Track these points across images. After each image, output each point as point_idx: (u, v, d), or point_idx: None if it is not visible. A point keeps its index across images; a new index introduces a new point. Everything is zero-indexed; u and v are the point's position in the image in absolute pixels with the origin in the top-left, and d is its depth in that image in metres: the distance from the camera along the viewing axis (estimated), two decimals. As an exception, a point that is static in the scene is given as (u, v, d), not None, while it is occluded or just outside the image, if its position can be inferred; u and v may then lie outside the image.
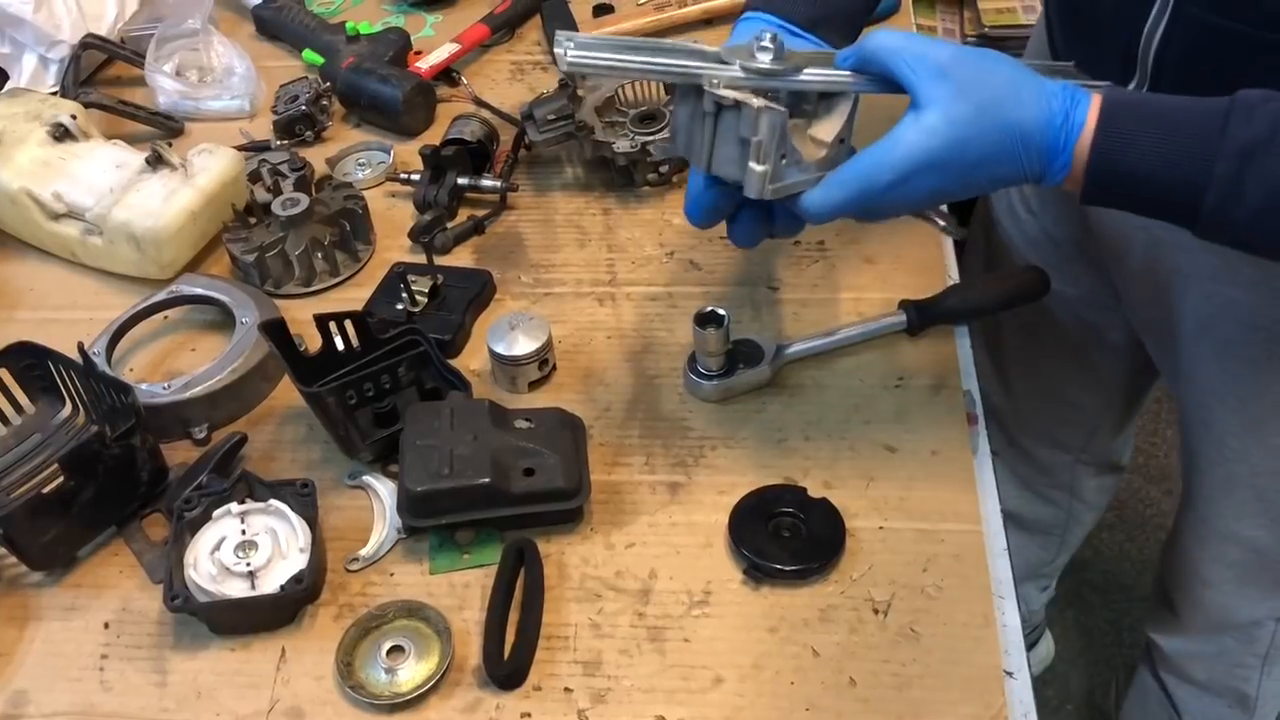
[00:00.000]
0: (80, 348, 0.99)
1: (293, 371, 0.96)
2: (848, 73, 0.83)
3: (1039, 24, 1.23)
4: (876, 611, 0.87)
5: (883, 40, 0.80)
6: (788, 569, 0.89)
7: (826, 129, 0.83)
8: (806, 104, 0.84)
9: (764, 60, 0.80)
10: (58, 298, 1.19)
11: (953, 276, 1.13)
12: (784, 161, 0.79)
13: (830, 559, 0.90)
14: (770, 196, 0.80)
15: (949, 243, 1.16)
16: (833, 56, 0.85)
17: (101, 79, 1.47)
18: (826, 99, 0.84)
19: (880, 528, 0.92)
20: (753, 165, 0.79)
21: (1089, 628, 1.95)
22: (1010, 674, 0.84)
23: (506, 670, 0.84)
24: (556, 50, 0.79)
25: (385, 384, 0.96)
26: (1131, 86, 0.95)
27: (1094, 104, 0.77)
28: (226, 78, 1.40)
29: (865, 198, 0.80)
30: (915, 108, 0.78)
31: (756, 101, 0.78)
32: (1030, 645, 1.89)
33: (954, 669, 0.84)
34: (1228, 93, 0.78)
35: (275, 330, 0.99)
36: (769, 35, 0.81)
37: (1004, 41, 1.91)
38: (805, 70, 0.81)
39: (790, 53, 0.82)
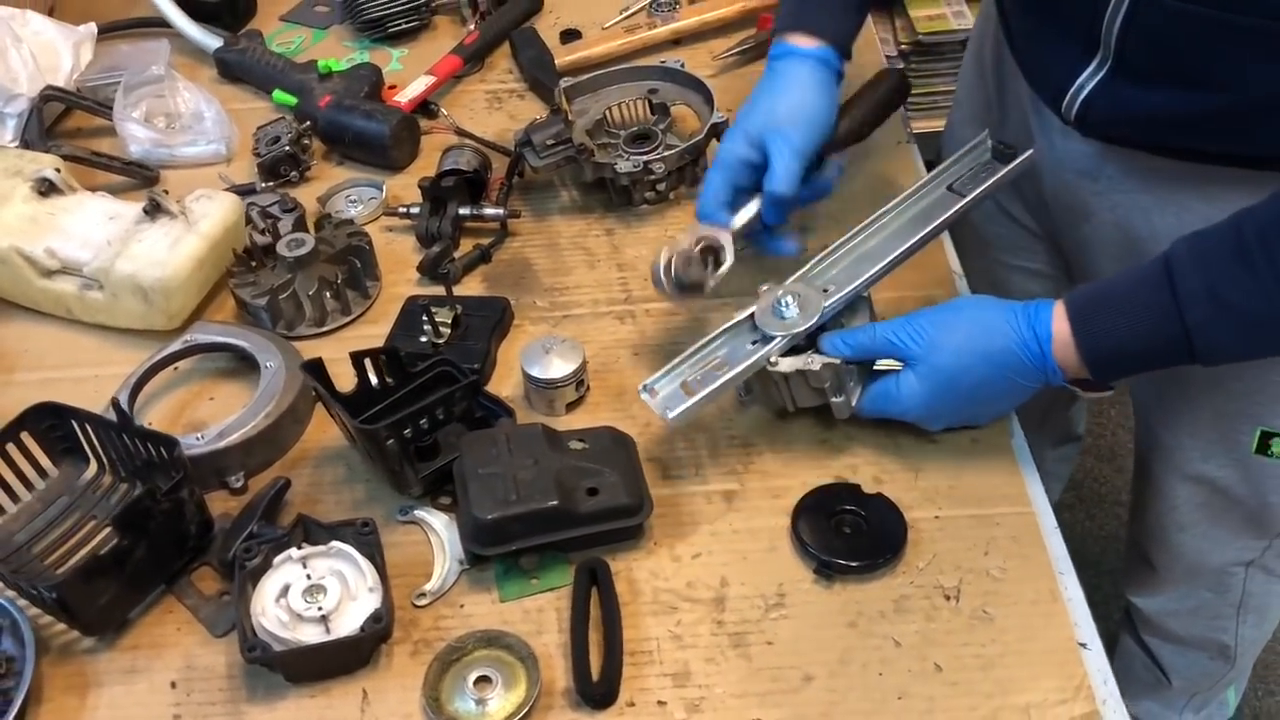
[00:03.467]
0: (115, 404, 0.96)
1: (347, 410, 0.94)
2: (856, 285, 0.99)
3: (981, 23, 1.28)
4: (948, 597, 0.90)
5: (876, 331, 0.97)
6: (857, 564, 0.91)
7: (858, 324, 1.01)
8: (838, 315, 1.01)
9: (793, 315, 0.98)
10: (56, 357, 1.15)
11: (955, 269, 1.17)
12: (851, 383, 0.98)
13: (896, 551, 0.92)
14: (855, 413, 1.00)
15: (949, 241, 1.20)
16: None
17: (60, 131, 1.42)
18: (850, 304, 1.01)
19: (936, 517, 0.95)
20: (834, 400, 0.98)
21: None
22: (1084, 645, 0.87)
23: (600, 690, 0.85)
24: (645, 398, 0.98)
25: (440, 416, 0.95)
26: (1093, 66, 0.98)
27: (1056, 313, 0.92)
28: (196, 123, 1.38)
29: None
30: (907, 367, 0.96)
31: (816, 363, 0.96)
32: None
33: (1031, 645, 0.87)
34: (1193, 71, 0.89)
35: (316, 370, 0.97)
36: (788, 297, 0.98)
37: (937, 48, 1.99)
38: (825, 304, 0.98)
39: (807, 289, 0.99)
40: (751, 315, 0.99)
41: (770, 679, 0.86)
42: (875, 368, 0.97)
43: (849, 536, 0.93)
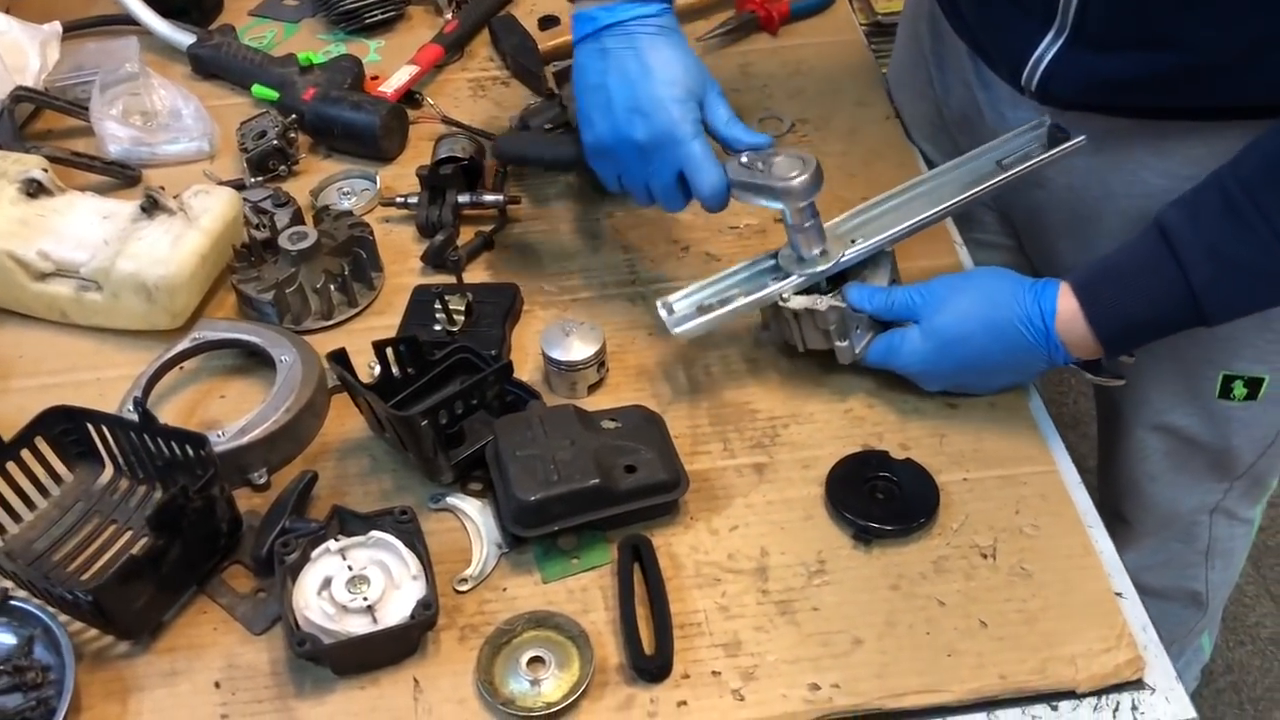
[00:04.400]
0: (137, 403, 0.94)
1: (383, 398, 0.94)
2: (879, 238, 1.01)
3: (912, 4, 1.30)
4: (985, 556, 0.92)
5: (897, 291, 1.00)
6: (894, 528, 0.93)
7: (878, 280, 1.03)
8: (859, 268, 1.03)
9: (812, 257, 1.01)
10: (53, 362, 1.12)
11: (956, 240, 1.20)
12: (857, 330, 1.01)
13: (930, 514, 0.94)
14: (859, 360, 1.02)
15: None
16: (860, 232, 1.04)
17: (30, 133, 1.38)
18: (872, 258, 1.03)
19: (964, 479, 0.97)
20: (838, 344, 1.01)
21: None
22: (1120, 595, 0.90)
23: (655, 663, 0.85)
24: (662, 314, 1.03)
25: (473, 401, 0.95)
26: (1050, 36, 1.00)
27: (1062, 290, 0.94)
28: (174, 120, 1.35)
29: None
30: (914, 323, 0.99)
31: (823, 304, 0.99)
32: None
33: (1071, 598, 0.89)
34: (1152, 34, 0.92)
35: (343, 360, 0.96)
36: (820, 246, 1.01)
37: (895, 28, 2.01)
38: (846, 252, 1.01)
39: (832, 239, 1.01)
40: (777, 254, 1.03)
41: (820, 644, 0.87)
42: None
43: (883, 501, 0.94)
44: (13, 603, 0.89)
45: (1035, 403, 1.04)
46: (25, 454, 0.95)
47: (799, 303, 1.00)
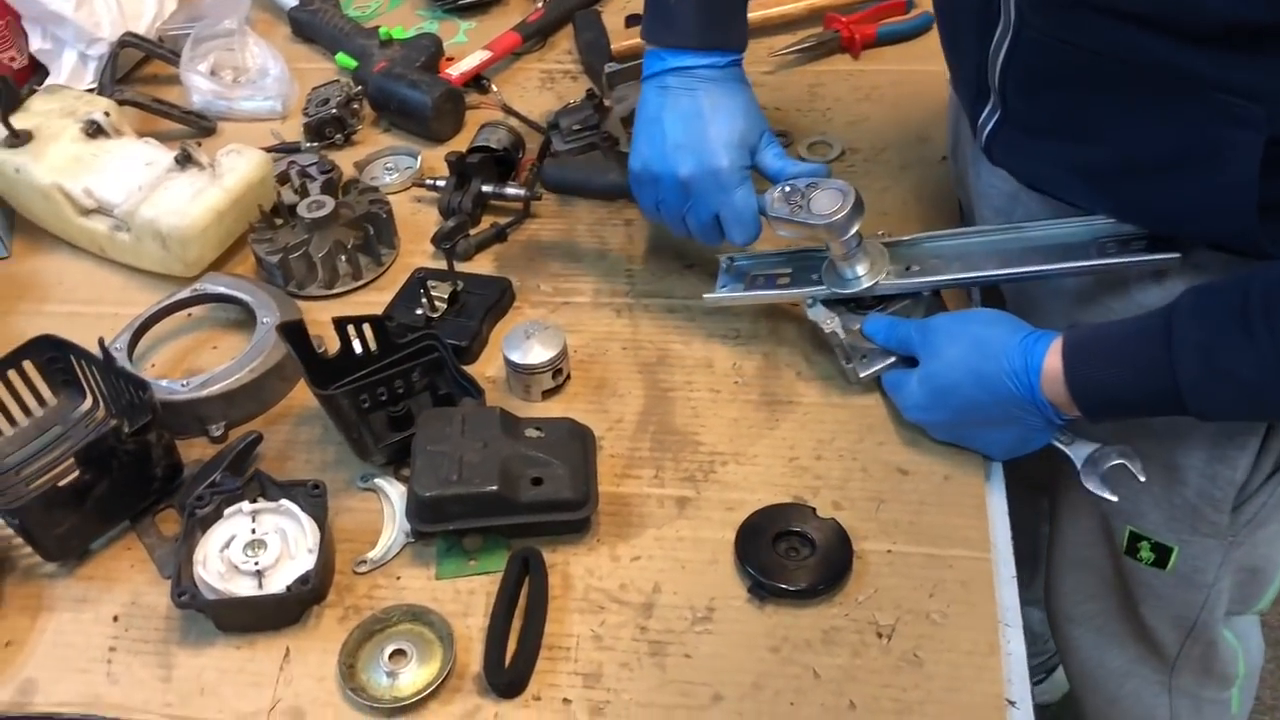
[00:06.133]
0: (100, 343, 1.00)
1: (308, 374, 0.96)
2: (929, 279, 1.00)
3: None
4: (880, 635, 0.87)
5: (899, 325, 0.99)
6: (793, 589, 0.89)
7: (915, 316, 1.02)
8: (897, 301, 1.02)
9: (851, 275, 1.01)
10: (85, 292, 1.21)
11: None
12: (864, 357, 1.01)
13: (836, 580, 0.89)
14: (862, 380, 1.02)
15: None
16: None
17: (138, 77, 1.49)
18: (912, 295, 1.02)
19: (889, 551, 0.92)
20: (844, 364, 1.02)
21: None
22: (1013, 703, 0.83)
23: (507, 679, 0.85)
24: (722, 267, 1.11)
25: (399, 389, 0.97)
26: (988, 109, 0.95)
27: (1053, 347, 0.87)
28: (260, 79, 1.42)
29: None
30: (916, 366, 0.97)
31: (826, 327, 1.00)
32: (1048, 670, 1.87)
33: (956, 696, 0.83)
34: (1077, 122, 0.86)
35: (293, 332, 0.99)
36: (863, 259, 1.00)
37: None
38: (883, 281, 1.00)
39: (880, 255, 1.01)
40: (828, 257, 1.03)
41: (679, 693, 0.84)
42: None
43: (792, 559, 0.90)
44: (-38, 509, 0.96)
45: (994, 483, 0.97)
46: (12, 375, 1.03)
47: (814, 314, 1.01)
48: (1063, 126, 0.89)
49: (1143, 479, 0.89)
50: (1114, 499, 0.90)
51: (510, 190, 1.22)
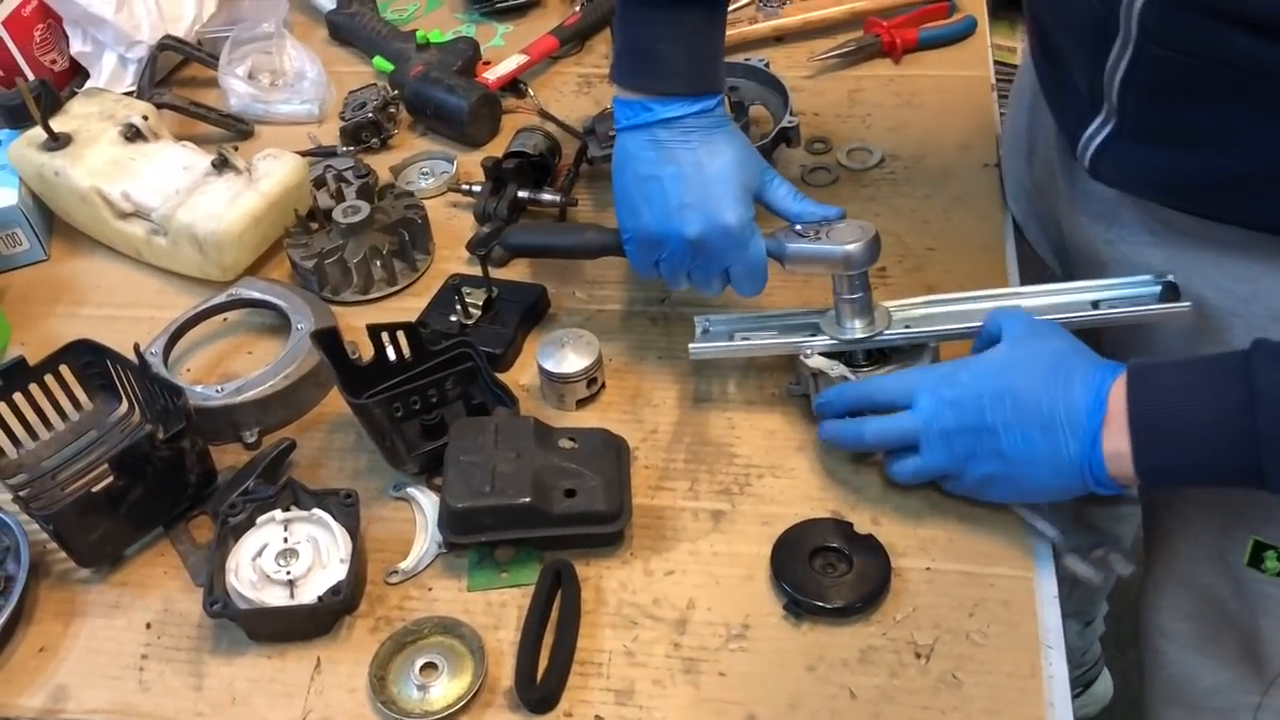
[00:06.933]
0: (136, 348, 1.00)
1: (342, 382, 0.96)
2: (925, 330, 0.97)
3: (1025, 51, 1.19)
4: (918, 656, 0.85)
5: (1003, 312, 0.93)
6: (829, 607, 0.87)
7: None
8: (896, 357, 0.99)
9: (850, 328, 0.98)
10: (122, 295, 1.21)
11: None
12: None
13: (874, 599, 0.87)
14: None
15: (1014, 271, 1.13)
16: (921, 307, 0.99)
17: (177, 79, 1.49)
18: (916, 347, 0.98)
19: (927, 569, 0.90)
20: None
21: (1151, 669, 1.89)
22: (1055, 728, 0.81)
23: (538, 695, 0.84)
24: (698, 328, 1.04)
25: (433, 397, 0.96)
26: (1098, 121, 0.91)
27: (1119, 383, 0.82)
28: (298, 82, 1.42)
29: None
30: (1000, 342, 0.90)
31: (835, 372, 0.96)
32: (1087, 684, 1.84)
33: (996, 719, 0.81)
34: (1199, 132, 0.82)
35: (327, 339, 0.99)
36: (860, 315, 0.97)
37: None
38: (885, 332, 0.97)
39: (882, 316, 0.98)
40: (824, 313, 1.01)
41: (713, 711, 0.83)
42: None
43: (828, 576, 0.89)
44: (-3, 513, 0.97)
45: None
46: (49, 379, 1.03)
47: (816, 363, 0.97)
48: (1189, 136, 0.84)
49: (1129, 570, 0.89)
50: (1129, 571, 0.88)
51: (546, 196, 1.21)
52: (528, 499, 0.89)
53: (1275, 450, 0.76)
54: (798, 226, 0.99)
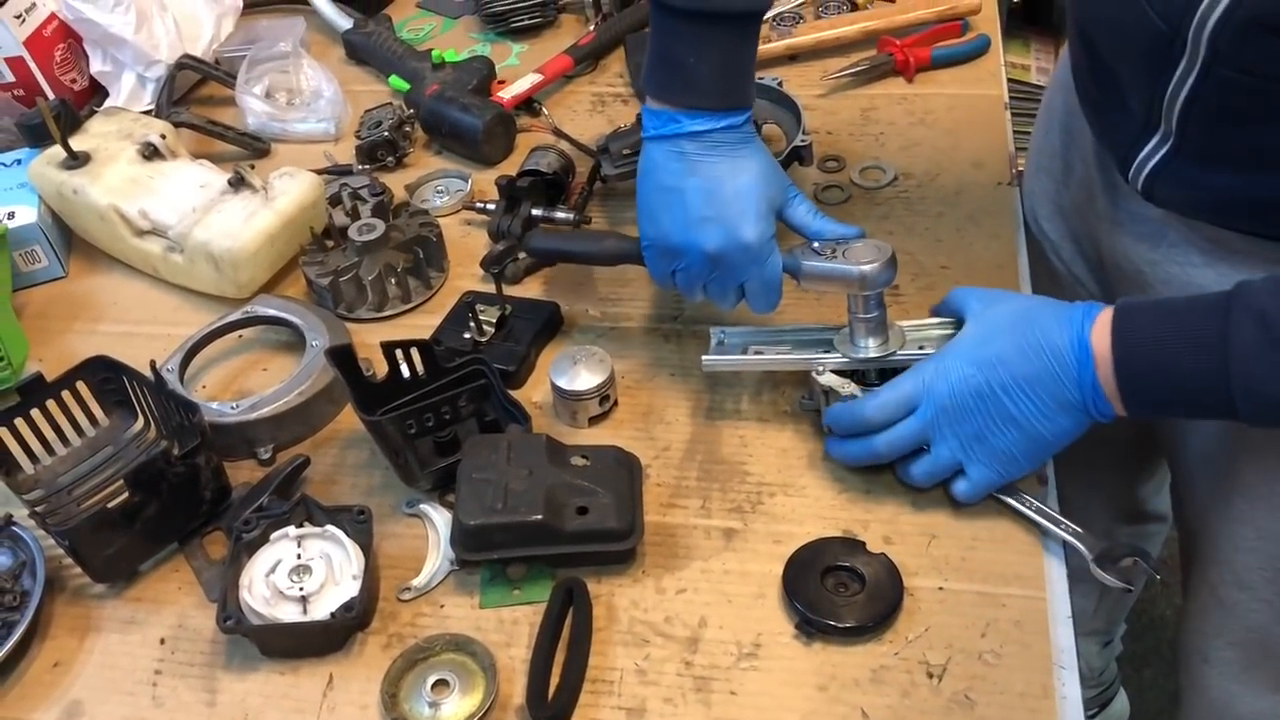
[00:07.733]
0: (152, 365, 1.01)
1: (355, 399, 0.96)
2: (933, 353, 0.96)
3: (1059, 72, 1.19)
4: (931, 675, 0.85)
5: (956, 293, 0.97)
6: (841, 626, 0.87)
7: None
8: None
9: (863, 346, 0.98)
10: (139, 312, 1.22)
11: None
12: None
13: (886, 618, 0.87)
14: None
15: (1027, 289, 1.13)
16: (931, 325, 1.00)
17: (195, 98, 1.51)
18: None
19: (940, 588, 0.90)
20: None
21: (1168, 688, 1.88)
22: (1068, 749, 0.81)
23: (549, 713, 0.84)
24: (713, 340, 1.05)
25: (446, 414, 0.96)
26: (1155, 141, 0.91)
27: (1104, 313, 0.85)
28: (314, 100, 1.43)
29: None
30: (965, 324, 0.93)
31: (847, 389, 0.96)
32: (1103, 704, 1.83)
33: (1009, 740, 0.81)
34: (1261, 153, 0.83)
35: (341, 356, 0.99)
36: (874, 334, 0.97)
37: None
38: (899, 351, 0.97)
39: (897, 336, 0.98)
40: (838, 330, 1.01)
41: (724, 731, 0.83)
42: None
43: (841, 595, 0.89)
44: (14, 528, 0.97)
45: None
46: (66, 395, 1.04)
47: (828, 380, 0.97)
48: (1250, 157, 0.84)
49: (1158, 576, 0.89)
50: (1130, 590, 0.89)
51: (560, 214, 1.22)
52: (540, 516, 0.89)
53: (1247, 399, 0.79)
54: (815, 244, 0.99)
